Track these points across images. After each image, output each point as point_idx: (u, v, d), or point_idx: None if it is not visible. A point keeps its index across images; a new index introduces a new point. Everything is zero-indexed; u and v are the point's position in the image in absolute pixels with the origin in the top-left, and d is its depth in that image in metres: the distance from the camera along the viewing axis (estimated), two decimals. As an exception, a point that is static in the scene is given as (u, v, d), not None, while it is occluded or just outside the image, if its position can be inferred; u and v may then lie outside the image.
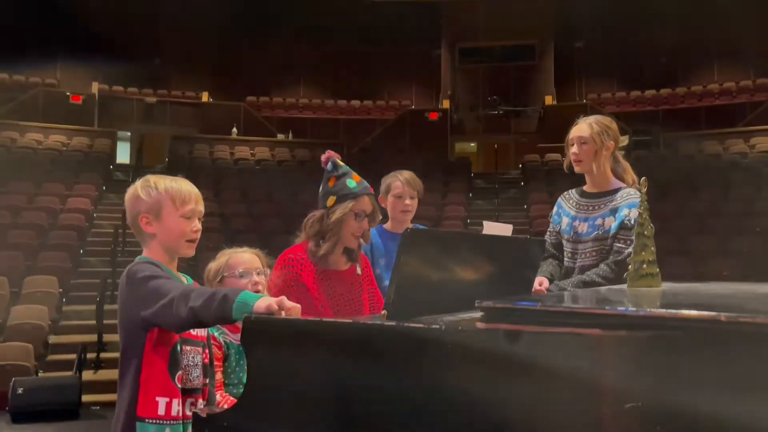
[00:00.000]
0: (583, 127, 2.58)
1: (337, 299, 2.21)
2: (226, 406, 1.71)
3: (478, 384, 1.18)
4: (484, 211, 12.96)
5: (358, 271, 2.30)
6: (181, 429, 1.60)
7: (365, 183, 2.23)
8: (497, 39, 18.08)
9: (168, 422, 1.58)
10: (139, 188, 1.74)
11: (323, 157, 2.26)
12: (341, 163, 2.24)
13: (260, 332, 1.46)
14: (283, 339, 1.45)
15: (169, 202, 1.70)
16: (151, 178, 1.76)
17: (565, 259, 2.68)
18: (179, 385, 1.61)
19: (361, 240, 2.28)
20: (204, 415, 1.52)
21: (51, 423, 6.07)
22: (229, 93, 18.04)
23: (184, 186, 1.75)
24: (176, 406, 1.59)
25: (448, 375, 1.21)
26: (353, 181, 2.20)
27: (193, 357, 1.68)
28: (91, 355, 7.68)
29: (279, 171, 14.78)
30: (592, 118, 2.62)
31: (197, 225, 1.75)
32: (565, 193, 2.79)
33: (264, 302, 1.47)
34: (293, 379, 1.41)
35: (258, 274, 2.10)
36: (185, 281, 1.76)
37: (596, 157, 2.56)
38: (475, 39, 18.12)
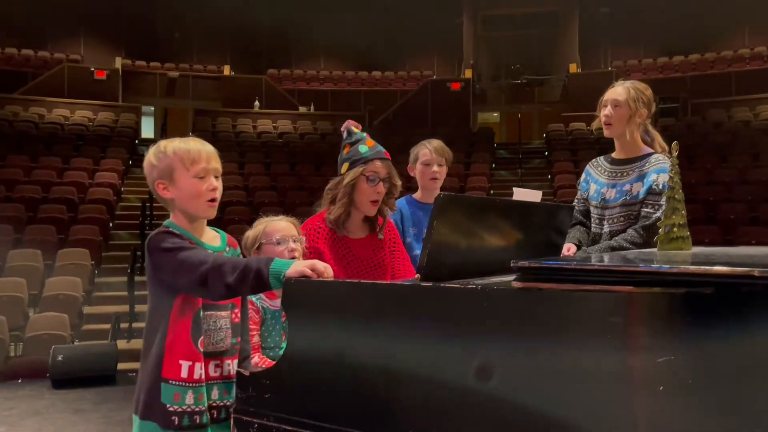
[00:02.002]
0: (619, 90, 2.56)
1: (358, 266, 2.22)
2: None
3: (513, 341, 1.23)
4: (507, 181, 12.90)
5: (380, 236, 2.29)
6: (204, 390, 1.65)
7: (379, 147, 2.22)
8: (520, 6, 17.74)
9: (190, 384, 1.63)
10: (151, 155, 1.70)
11: (342, 127, 2.27)
12: (356, 130, 2.24)
13: (301, 295, 1.51)
14: (322, 301, 1.50)
15: (179, 164, 1.66)
16: (162, 143, 1.72)
17: (593, 225, 2.69)
18: (201, 349, 1.65)
19: (386, 208, 2.27)
20: (247, 373, 1.59)
21: (90, 388, 6.30)
22: (250, 66, 18.06)
23: (193, 145, 1.69)
24: (198, 370, 1.64)
25: (484, 333, 1.25)
26: (365, 147, 2.20)
27: (215, 321, 1.70)
28: (124, 325, 7.91)
29: (301, 144, 14.83)
30: (629, 83, 2.60)
31: (213, 183, 1.68)
32: (594, 160, 2.78)
33: (296, 268, 1.51)
34: (332, 339, 1.46)
35: (294, 241, 2.14)
36: (219, 242, 1.75)
37: (628, 123, 2.54)
38: (497, 6, 17.80)
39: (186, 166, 1.66)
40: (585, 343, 1.16)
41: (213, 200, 1.69)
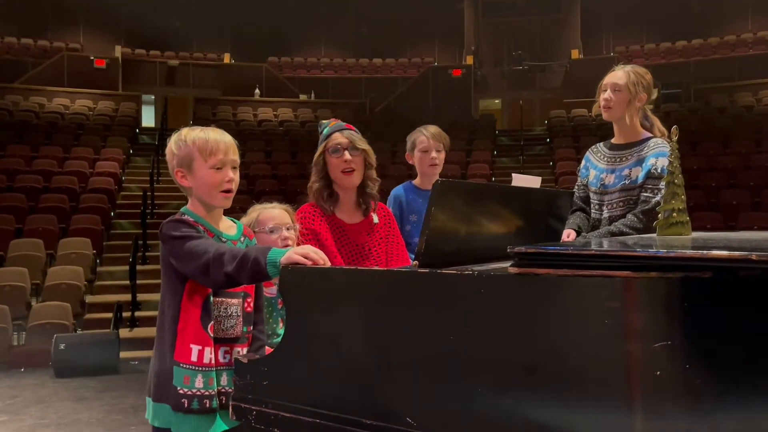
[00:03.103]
0: (619, 74, 2.55)
1: (352, 250, 2.23)
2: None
3: (510, 328, 1.22)
4: (509, 168, 12.85)
5: (375, 219, 2.30)
6: (214, 375, 1.68)
7: (340, 123, 2.31)
8: (521, -9, 17.62)
9: (200, 368, 1.66)
10: (172, 143, 1.74)
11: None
12: (324, 121, 2.36)
13: (298, 282, 1.51)
14: (319, 288, 1.50)
15: (197, 153, 1.69)
16: (183, 131, 1.75)
17: (592, 211, 2.68)
18: (211, 335, 1.68)
19: (373, 185, 2.28)
20: (245, 361, 1.59)
21: (92, 377, 6.32)
22: (250, 54, 17.98)
23: (212, 135, 1.72)
24: (208, 354, 1.67)
25: (481, 320, 1.24)
26: (327, 127, 2.29)
27: (225, 308, 1.73)
28: (126, 314, 7.94)
29: (302, 132, 14.80)
30: (629, 67, 2.59)
31: (229, 175, 1.72)
32: (593, 146, 2.77)
33: (289, 256, 1.52)
34: (330, 326, 1.46)
35: (288, 229, 2.13)
36: (235, 231, 1.79)
37: (628, 107, 2.53)
38: (498, -8, 17.68)
39: (204, 157, 1.69)
40: (582, 329, 1.15)
41: (228, 191, 1.73)
